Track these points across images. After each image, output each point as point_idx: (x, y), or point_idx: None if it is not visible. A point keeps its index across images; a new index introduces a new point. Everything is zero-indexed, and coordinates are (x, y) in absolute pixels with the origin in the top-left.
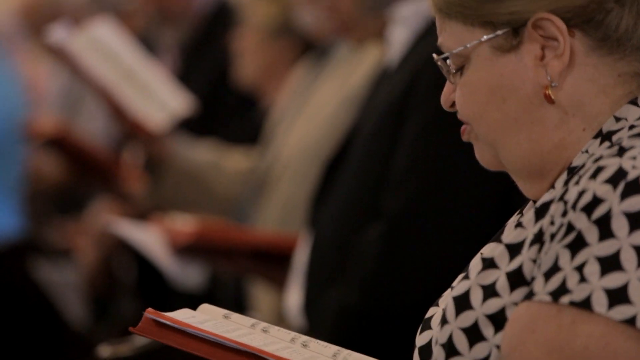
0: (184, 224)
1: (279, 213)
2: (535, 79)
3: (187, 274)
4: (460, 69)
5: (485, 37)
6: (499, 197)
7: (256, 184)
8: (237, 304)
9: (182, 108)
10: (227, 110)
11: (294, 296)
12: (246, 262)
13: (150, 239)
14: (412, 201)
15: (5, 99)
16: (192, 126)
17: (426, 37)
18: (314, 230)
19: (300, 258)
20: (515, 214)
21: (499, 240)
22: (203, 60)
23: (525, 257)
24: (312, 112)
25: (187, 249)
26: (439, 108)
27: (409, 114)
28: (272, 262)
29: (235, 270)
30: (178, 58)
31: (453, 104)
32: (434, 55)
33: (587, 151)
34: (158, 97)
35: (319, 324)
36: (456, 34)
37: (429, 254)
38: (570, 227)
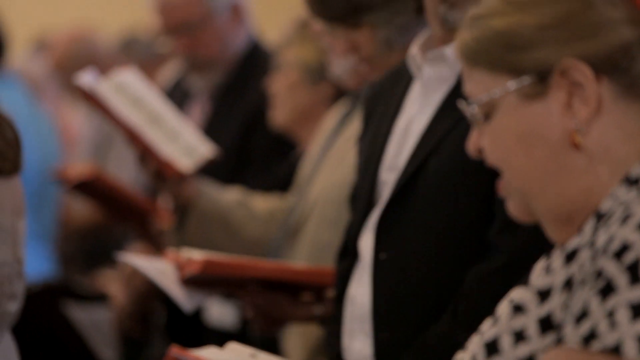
0: (196, 255)
1: (307, 255)
2: (563, 125)
3: (199, 303)
4: (487, 116)
5: (512, 85)
6: None
7: (284, 225)
8: (268, 344)
9: (209, 152)
10: (259, 158)
11: (358, 342)
12: (258, 291)
13: (162, 269)
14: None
15: (41, 146)
16: (222, 174)
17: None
18: (375, 274)
19: (357, 300)
20: (543, 257)
21: (527, 285)
22: (236, 105)
23: (555, 302)
24: (340, 152)
25: (197, 278)
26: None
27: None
28: (286, 290)
29: (247, 301)
30: (210, 103)
31: (480, 151)
32: (461, 102)
33: (614, 197)
34: (185, 141)
35: None
36: (483, 82)
37: None
38: (600, 273)
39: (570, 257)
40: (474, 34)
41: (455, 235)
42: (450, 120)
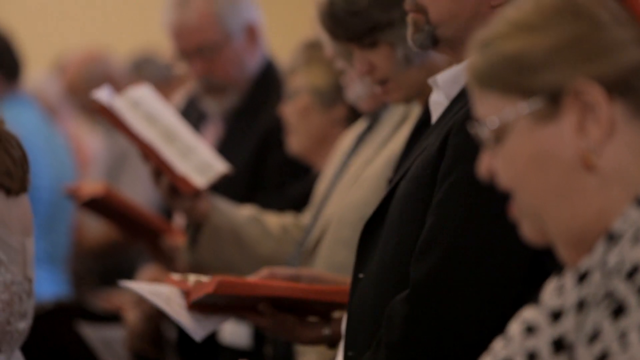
0: (204, 278)
1: None
2: (575, 146)
3: (208, 331)
4: (499, 139)
5: (524, 108)
6: (527, 262)
7: (299, 246)
8: None
9: (223, 169)
10: (274, 179)
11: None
12: (268, 312)
13: (168, 295)
14: (436, 266)
15: (55, 167)
16: (236, 194)
17: (459, 102)
18: (353, 293)
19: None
20: (554, 276)
21: (539, 304)
22: (250, 126)
23: (568, 324)
24: (354, 172)
25: (206, 301)
26: (465, 174)
27: (438, 178)
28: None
29: (256, 323)
30: (224, 124)
31: (492, 174)
32: (472, 124)
33: (626, 217)
34: (199, 158)
35: None
36: (494, 105)
37: (452, 321)
38: (612, 295)
39: (582, 278)
40: (484, 58)
41: (391, 266)
42: (424, 145)
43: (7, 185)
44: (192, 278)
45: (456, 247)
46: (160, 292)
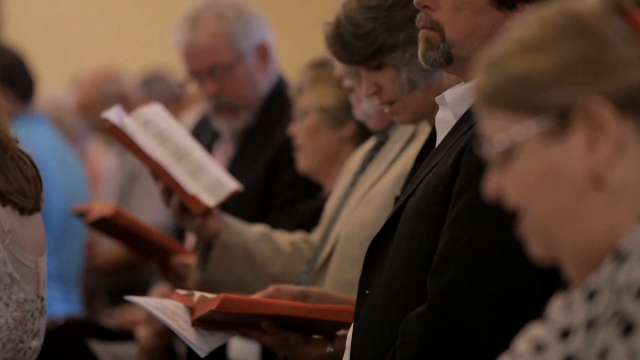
0: (209, 295)
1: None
2: (585, 164)
3: (213, 346)
4: (508, 157)
5: (532, 126)
6: (542, 278)
7: (309, 264)
8: None
9: (234, 187)
10: (284, 199)
11: None
12: (271, 330)
13: (174, 311)
14: (452, 282)
15: (67, 185)
16: (246, 214)
17: (468, 121)
18: (360, 309)
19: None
20: (561, 293)
21: (547, 322)
22: (260, 145)
23: (577, 343)
24: (363, 191)
25: (211, 317)
26: (480, 191)
27: (452, 196)
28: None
29: (261, 340)
30: (234, 144)
31: (500, 192)
32: (480, 143)
33: (634, 235)
34: (209, 176)
35: None
36: (503, 124)
37: (470, 337)
38: (621, 312)
39: (591, 296)
40: (491, 78)
41: (401, 282)
42: (433, 162)
43: (21, 204)
44: (197, 294)
45: (472, 264)
46: (166, 307)
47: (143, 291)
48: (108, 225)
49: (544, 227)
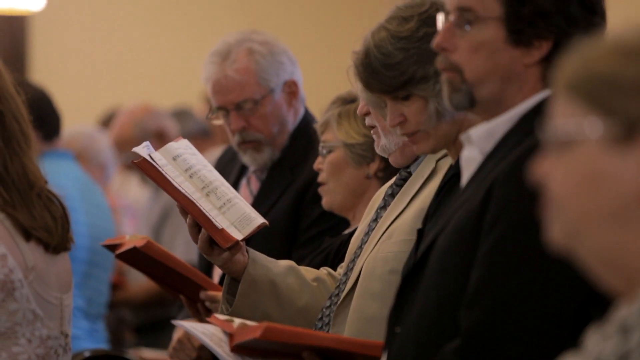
0: (249, 322)
1: (354, 329)
2: (638, 182)
3: None
4: (565, 146)
5: (599, 124)
6: (574, 309)
7: (333, 299)
8: None
9: (261, 222)
10: (310, 233)
11: None
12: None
13: (219, 336)
14: (487, 316)
15: (94, 225)
16: (272, 249)
17: (495, 157)
18: (391, 347)
19: None
20: (597, 323)
21: (582, 352)
22: (287, 180)
23: None
24: (385, 226)
25: (250, 345)
26: (512, 225)
27: (482, 231)
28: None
29: None
30: (261, 178)
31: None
32: (545, 125)
33: None
34: (237, 211)
35: None
36: (574, 112)
37: None
38: None
39: (625, 329)
40: (578, 69)
41: (433, 317)
42: (462, 199)
43: (46, 241)
44: (237, 321)
45: (505, 297)
46: (212, 332)
47: (169, 327)
48: (138, 258)
49: (576, 221)
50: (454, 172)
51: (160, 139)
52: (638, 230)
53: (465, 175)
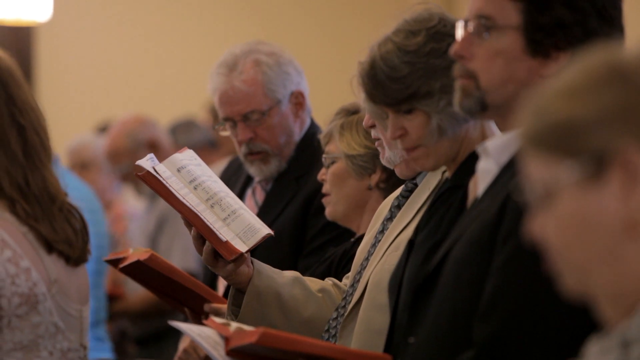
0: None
1: (360, 341)
2: (621, 212)
3: None
4: (547, 198)
5: (572, 169)
6: (589, 323)
7: (339, 310)
8: None
9: (266, 233)
10: (315, 244)
11: None
12: None
13: (215, 339)
14: (501, 328)
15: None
16: (276, 259)
17: (511, 169)
18: (404, 355)
19: None
20: (597, 335)
21: None
22: (292, 191)
23: None
24: (391, 237)
25: (246, 350)
26: (526, 237)
27: (497, 242)
28: None
29: None
30: (266, 189)
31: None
32: (523, 186)
33: None
34: (241, 222)
35: None
36: (545, 167)
37: None
38: None
39: (625, 343)
40: (534, 123)
41: (447, 329)
42: (476, 211)
43: (67, 254)
44: (234, 325)
45: (519, 309)
46: (208, 335)
47: (171, 336)
48: (141, 271)
49: (579, 268)
50: (450, 185)
51: (152, 149)
52: (632, 257)
53: (481, 187)
